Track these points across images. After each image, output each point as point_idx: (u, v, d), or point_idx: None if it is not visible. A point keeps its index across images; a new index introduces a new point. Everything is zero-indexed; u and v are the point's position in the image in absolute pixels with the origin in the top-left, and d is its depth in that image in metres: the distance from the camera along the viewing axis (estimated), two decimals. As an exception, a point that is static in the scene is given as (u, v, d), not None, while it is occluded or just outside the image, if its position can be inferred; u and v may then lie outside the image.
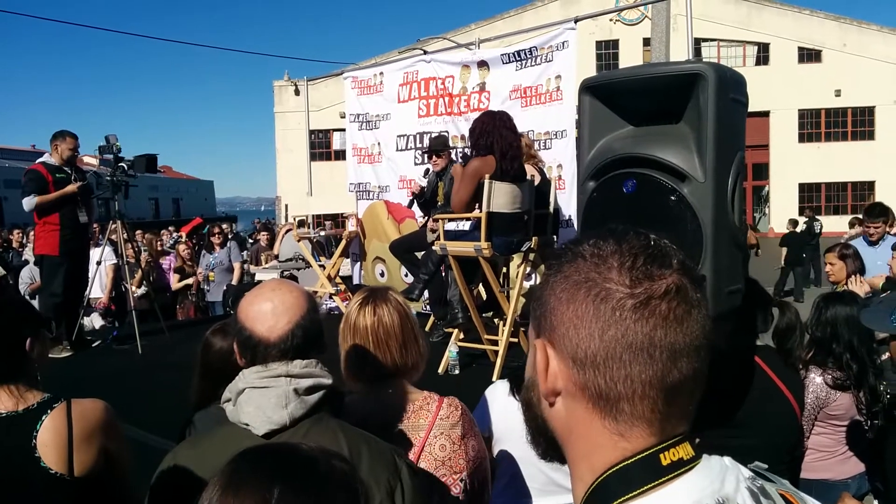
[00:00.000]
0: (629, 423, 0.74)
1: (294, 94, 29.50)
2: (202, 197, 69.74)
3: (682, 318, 0.73)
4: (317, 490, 0.85)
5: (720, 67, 2.23)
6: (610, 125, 2.37)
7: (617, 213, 2.34)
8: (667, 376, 0.73)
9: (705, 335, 0.75)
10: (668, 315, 0.72)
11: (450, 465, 1.76)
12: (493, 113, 4.96)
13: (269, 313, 1.45)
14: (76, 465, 1.78)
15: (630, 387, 0.73)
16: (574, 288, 0.75)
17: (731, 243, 2.27)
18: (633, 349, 0.72)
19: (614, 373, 0.73)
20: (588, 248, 0.76)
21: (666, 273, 0.74)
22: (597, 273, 0.74)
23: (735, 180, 2.28)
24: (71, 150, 6.13)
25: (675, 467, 0.72)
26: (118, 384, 5.18)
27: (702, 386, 0.77)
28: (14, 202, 28.93)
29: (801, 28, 28.79)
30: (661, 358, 0.72)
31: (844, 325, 2.96)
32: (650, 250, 0.75)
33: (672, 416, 0.74)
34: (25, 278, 8.64)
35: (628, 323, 0.72)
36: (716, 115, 2.15)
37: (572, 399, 0.77)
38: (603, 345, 0.73)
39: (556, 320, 0.77)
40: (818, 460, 3.05)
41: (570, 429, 0.78)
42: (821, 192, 29.59)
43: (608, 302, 0.73)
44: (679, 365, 0.73)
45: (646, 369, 0.72)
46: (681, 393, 0.74)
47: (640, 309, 0.72)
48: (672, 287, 0.73)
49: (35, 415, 1.78)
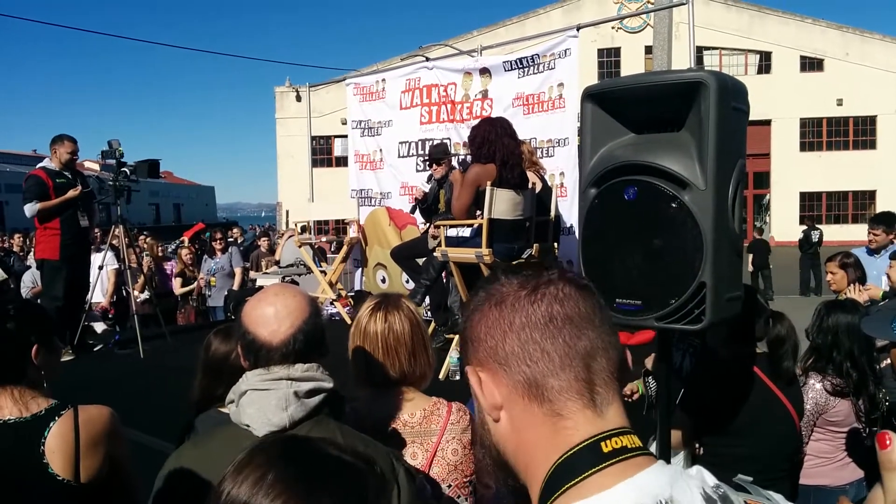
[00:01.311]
0: (563, 398, 0.80)
1: (295, 100, 29.57)
2: (203, 202, 69.82)
3: (571, 296, 0.84)
4: (314, 478, 0.87)
5: (721, 76, 2.25)
6: (612, 132, 2.39)
7: (618, 220, 2.35)
8: (577, 342, 0.81)
9: (599, 311, 0.85)
10: (557, 294, 0.84)
11: (461, 470, 1.78)
12: (494, 120, 4.97)
13: (272, 317, 1.47)
14: (82, 472, 1.79)
15: (549, 360, 0.81)
16: (479, 307, 0.88)
17: (732, 250, 2.29)
18: (538, 327, 0.82)
19: (532, 353, 0.82)
20: (482, 289, 0.90)
21: (544, 275, 0.87)
22: (495, 290, 0.87)
23: (736, 188, 2.30)
24: (70, 154, 6.14)
25: (616, 454, 0.77)
26: (120, 388, 5.19)
27: (617, 355, 0.84)
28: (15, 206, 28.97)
29: (803, 37, 28.85)
30: (564, 328, 0.82)
31: (845, 333, 2.97)
32: (529, 273, 0.88)
33: (599, 386, 0.81)
34: (28, 282, 8.66)
35: (527, 308, 0.83)
36: (717, 123, 2.17)
37: (511, 403, 0.84)
38: (514, 334, 0.83)
39: (474, 341, 0.87)
40: (816, 466, 3.06)
41: (518, 434, 0.84)
42: (822, 201, 29.59)
43: (507, 300, 0.85)
44: (584, 332, 0.82)
45: (556, 340, 0.81)
46: (596, 359, 0.82)
47: (531, 294, 0.84)
48: (553, 276, 0.86)
49: (43, 421, 1.79)
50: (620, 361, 0.85)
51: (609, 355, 0.83)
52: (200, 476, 1.43)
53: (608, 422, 0.80)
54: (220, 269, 8.98)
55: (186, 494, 1.43)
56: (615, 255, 2.33)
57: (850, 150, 29.18)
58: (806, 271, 15.26)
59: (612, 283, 2.33)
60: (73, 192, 6.02)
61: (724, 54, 29.39)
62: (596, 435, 0.78)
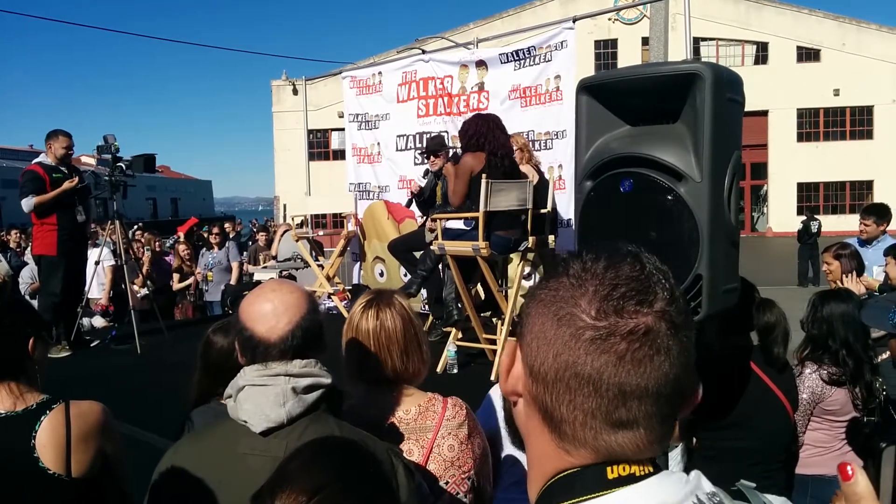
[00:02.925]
0: (573, 444, 0.74)
1: (292, 93, 29.48)
2: (200, 197, 69.70)
3: (641, 362, 0.70)
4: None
5: (717, 67, 2.24)
6: (607, 125, 2.38)
7: (614, 213, 2.35)
8: (612, 413, 0.71)
9: (670, 382, 0.72)
10: (626, 355, 0.70)
11: (458, 465, 1.77)
12: (485, 115, 5.03)
13: (270, 314, 1.47)
14: (74, 466, 1.79)
15: (572, 413, 0.73)
16: (547, 303, 0.75)
17: (728, 242, 2.29)
18: (580, 378, 0.71)
19: (560, 395, 0.73)
20: (575, 266, 0.76)
21: (641, 311, 0.71)
22: (570, 295, 0.74)
23: (731, 180, 2.29)
24: (65, 149, 6.13)
25: (621, 482, 0.72)
26: (117, 383, 5.19)
27: (665, 427, 0.74)
28: (12, 202, 28.88)
29: (799, 27, 28.80)
30: (607, 394, 0.71)
31: (840, 322, 2.98)
32: (633, 283, 0.73)
33: (622, 448, 0.73)
34: (26, 278, 8.65)
35: (581, 353, 0.71)
36: (712, 114, 2.17)
37: (528, 405, 0.78)
38: (555, 366, 0.73)
39: (526, 328, 0.77)
40: (814, 456, 3.07)
41: (528, 431, 0.80)
42: (819, 192, 29.61)
43: (569, 327, 0.72)
44: (629, 406, 0.71)
45: (588, 400, 0.71)
46: (630, 429, 0.72)
47: (596, 342, 0.71)
48: (640, 328, 0.71)
49: (34, 416, 1.79)
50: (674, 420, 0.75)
51: (651, 427, 0.73)
52: (197, 472, 1.43)
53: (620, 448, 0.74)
54: (217, 263, 8.98)
55: (183, 490, 1.43)
56: (611, 247, 2.33)
57: (847, 141, 29.19)
58: (804, 262, 15.27)
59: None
60: (69, 184, 6.01)
61: (720, 45, 29.34)
62: (601, 461, 0.73)
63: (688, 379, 0.75)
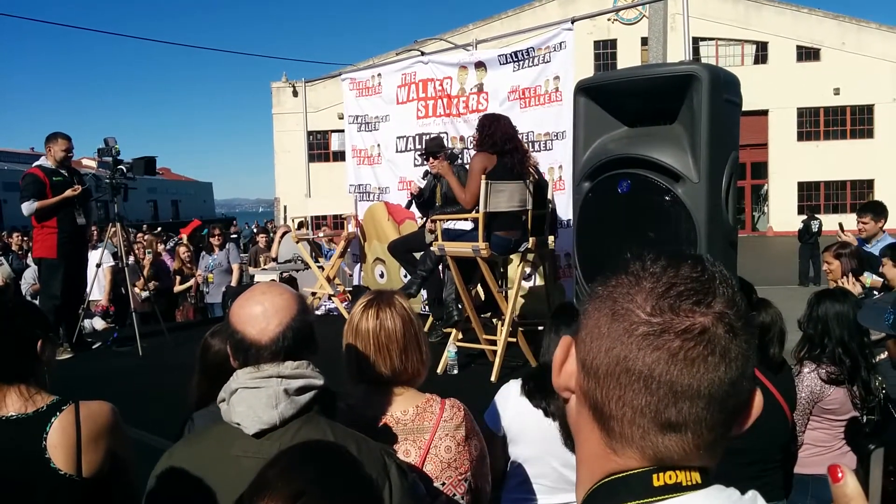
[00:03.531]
0: (620, 443, 0.73)
1: (292, 95, 29.50)
2: (201, 199, 69.68)
3: (695, 361, 0.69)
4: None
5: (714, 68, 2.25)
6: (605, 126, 2.40)
7: (612, 214, 2.36)
8: (662, 412, 0.70)
9: (724, 386, 0.70)
10: (678, 353, 0.69)
11: (455, 467, 1.77)
12: (497, 115, 5.04)
13: (260, 316, 1.47)
14: (84, 466, 1.81)
15: (621, 409, 0.72)
16: (604, 299, 0.75)
17: (726, 242, 2.30)
18: (630, 374, 0.71)
19: (610, 391, 0.72)
20: (635, 265, 0.75)
21: (697, 311, 0.70)
22: (627, 291, 0.73)
23: (729, 180, 2.31)
24: (64, 152, 6.14)
25: (667, 490, 0.70)
26: (119, 385, 5.19)
27: (715, 434, 0.73)
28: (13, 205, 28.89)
29: (799, 26, 28.79)
30: (657, 392, 0.70)
31: (835, 321, 3.00)
32: (692, 284, 0.72)
33: (669, 451, 0.72)
34: (28, 279, 8.67)
35: (633, 347, 0.71)
36: (709, 115, 2.18)
37: (580, 402, 0.78)
38: (606, 360, 0.72)
39: (583, 324, 0.77)
40: (814, 455, 3.08)
41: (578, 429, 0.80)
42: (820, 191, 29.59)
43: (623, 322, 0.72)
44: (679, 406, 0.70)
45: (638, 397, 0.71)
46: (679, 432, 0.71)
47: (649, 337, 0.70)
48: (695, 327, 0.70)
49: (45, 417, 1.81)
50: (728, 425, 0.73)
51: (701, 430, 0.71)
52: (192, 475, 1.44)
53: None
54: (217, 265, 8.99)
55: (179, 492, 1.44)
56: (609, 247, 2.34)
57: (848, 140, 29.18)
58: (805, 261, 15.26)
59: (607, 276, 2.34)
60: (71, 192, 6.03)
61: (720, 45, 29.34)
62: (648, 466, 0.72)
63: (744, 386, 0.73)
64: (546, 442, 2.25)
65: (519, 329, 5.09)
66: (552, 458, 2.26)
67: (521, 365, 5.06)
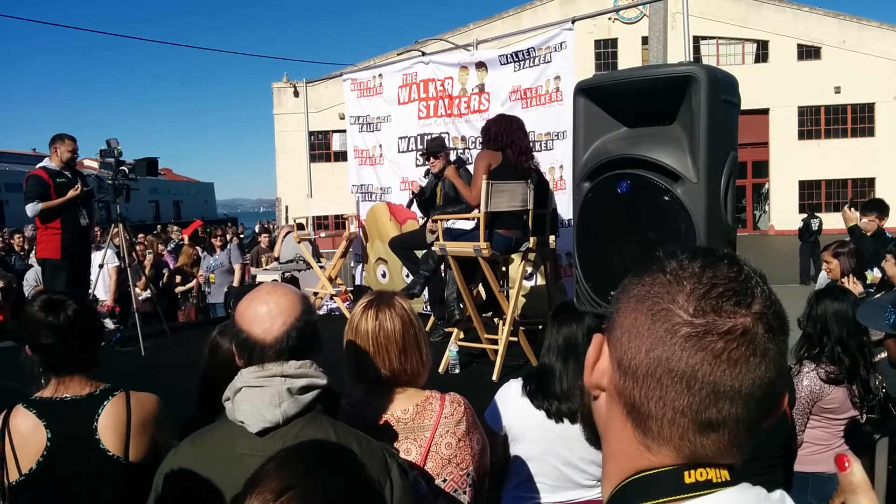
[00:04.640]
0: (657, 441, 0.73)
1: (293, 95, 29.51)
2: (203, 199, 69.67)
3: (737, 362, 0.70)
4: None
5: (712, 69, 2.27)
6: (604, 127, 2.42)
7: (612, 214, 2.38)
8: (703, 412, 0.71)
9: (764, 386, 0.71)
10: (722, 354, 0.70)
11: (456, 462, 1.78)
12: (507, 116, 5.08)
13: (265, 316, 1.49)
14: (131, 451, 1.95)
15: (661, 409, 0.72)
16: (642, 298, 0.75)
17: (725, 242, 2.32)
18: (672, 375, 0.71)
19: (650, 391, 0.72)
20: (672, 264, 0.75)
21: (739, 312, 0.71)
22: (667, 291, 0.73)
23: (728, 180, 2.33)
24: (70, 153, 6.20)
25: (698, 487, 0.71)
26: (123, 384, 5.21)
27: (749, 433, 0.73)
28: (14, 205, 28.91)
29: (799, 25, 28.77)
30: (699, 393, 0.70)
31: (833, 320, 3.01)
32: (731, 283, 0.72)
33: (705, 449, 0.72)
34: (31, 280, 8.70)
35: (676, 349, 0.71)
36: (708, 116, 2.20)
37: (612, 400, 0.78)
38: (647, 361, 0.72)
39: (617, 322, 0.77)
40: (814, 454, 3.09)
41: (608, 426, 0.80)
42: (821, 190, 29.57)
43: (665, 322, 0.72)
44: (720, 406, 0.70)
45: (680, 398, 0.71)
46: (717, 431, 0.72)
47: (692, 339, 0.70)
48: (738, 328, 0.70)
49: (98, 400, 1.96)
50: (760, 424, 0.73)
51: (738, 430, 0.72)
52: (197, 473, 1.46)
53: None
54: (219, 265, 9.02)
55: (185, 490, 1.46)
56: (609, 248, 2.36)
57: (849, 138, 29.15)
58: (806, 260, 15.26)
59: (606, 276, 2.36)
60: (74, 192, 6.07)
61: (720, 43, 29.32)
62: (679, 464, 0.72)
63: (779, 385, 0.74)
64: (547, 441, 2.26)
65: (520, 328, 5.11)
66: (553, 457, 2.28)
67: (523, 364, 5.08)
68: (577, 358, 2.25)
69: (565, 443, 2.25)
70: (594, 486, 2.31)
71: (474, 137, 6.50)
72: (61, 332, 1.94)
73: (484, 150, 4.90)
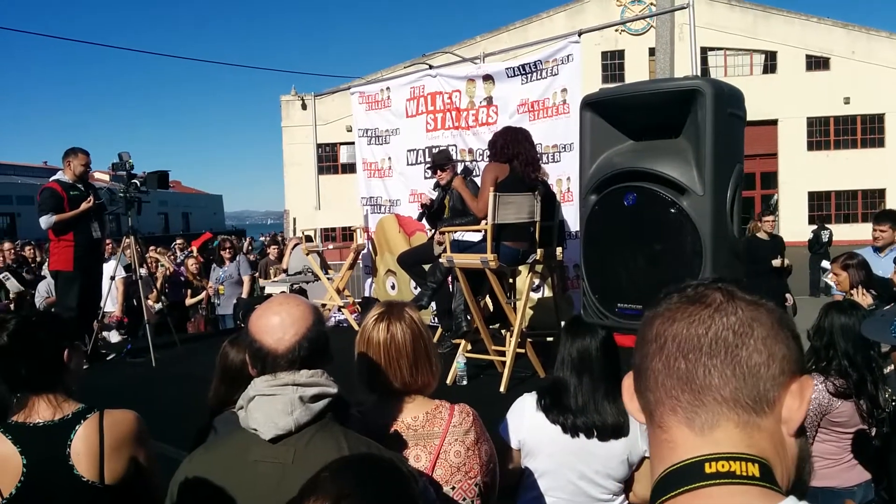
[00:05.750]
0: (659, 410, 0.79)
1: (301, 108, 29.72)
2: (211, 211, 70.01)
3: (702, 320, 0.77)
4: None
5: (717, 83, 2.29)
6: (610, 140, 2.44)
7: (618, 226, 2.40)
8: (675, 364, 0.77)
9: (734, 338, 0.76)
10: (678, 311, 0.79)
11: (465, 471, 1.80)
12: (514, 128, 5.10)
13: (278, 326, 1.53)
14: (107, 474, 1.87)
15: (645, 378, 0.80)
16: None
17: (731, 254, 2.33)
18: (645, 341, 0.81)
19: (642, 369, 0.81)
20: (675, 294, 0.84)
21: (698, 293, 0.81)
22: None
23: (734, 193, 2.34)
24: (83, 167, 6.29)
25: (719, 476, 0.73)
26: (133, 396, 5.24)
27: (755, 381, 0.76)
28: (27, 218, 29.15)
29: (808, 35, 28.74)
30: (662, 350, 0.78)
31: (840, 334, 3.00)
32: (689, 290, 0.82)
33: (698, 406, 0.76)
34: (42, 292, 8.76)
35: (646, 326, 0.82)
36: (714, 129, 2.22)
37: (648, 418, 0.83)
38: (637, 349, 0.83)
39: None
40: (823, 468, 3.07)
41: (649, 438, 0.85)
42: (831, 201, 29.42)
43: (650, 316, 0.83)
44: (694, 357, 0.76)
45: (654, 359, 0.79)
46: (703, 391, 0.76)
47: (658, 315, 0.81)
48: (696, 294, 0.81)
49: (69, 424, 1.88)
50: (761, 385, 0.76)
51: (724, 385, 0.75)
52: (211, 480, 1.49)
53: (716, 445, 0.75)
54: (228, 277, 9.06)
55: (200, 497, 1.49)
56: (616, 260, 2.38)
57: (859, 149, 29.01)
58: (816, 272, 15.16)
59: (613, 288, 2.37)
60: (87, 205, 6.16)
61: (728, 55, 29.32)
62: (701, 455, 0.74)
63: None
64: (563, 455, 2.27)
65: (527, 340, 5.12)
66: (569, 471, 2.28)
67: (530, 376, 5.08)
68: (591, 372, 2.25)
69: (581, 457, 2.25)
70: (610, 499, 2.30)
71: (482, 150, 6.53)
72: (4, 354, 1.86)
73: (491, 162, 4.94)
